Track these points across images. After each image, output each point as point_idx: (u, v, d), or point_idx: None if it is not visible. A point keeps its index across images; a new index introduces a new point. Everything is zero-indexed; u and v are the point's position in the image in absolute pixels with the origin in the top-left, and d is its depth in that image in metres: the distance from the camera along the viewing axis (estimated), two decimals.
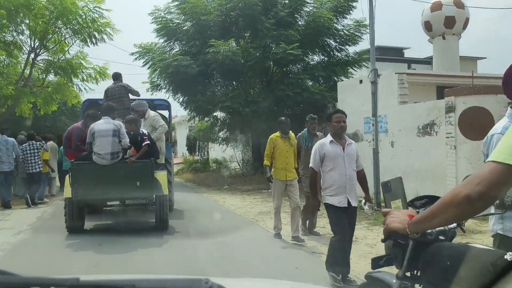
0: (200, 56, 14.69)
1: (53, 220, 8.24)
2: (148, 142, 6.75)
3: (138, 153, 6.63)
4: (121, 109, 7.72)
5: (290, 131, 7.02)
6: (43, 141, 11.34)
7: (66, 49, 15.14)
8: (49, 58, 14.73)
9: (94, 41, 15.08)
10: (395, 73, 10.07)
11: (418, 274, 1.89)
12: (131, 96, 8.34)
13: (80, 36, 14.86)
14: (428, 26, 12.59)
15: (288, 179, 6.68)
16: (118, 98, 7.98)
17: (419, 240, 1.74)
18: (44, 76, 15.29)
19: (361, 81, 11.45)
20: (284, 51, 13.52)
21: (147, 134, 6.96)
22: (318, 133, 7.57)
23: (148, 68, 15.78)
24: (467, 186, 1.30)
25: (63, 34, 14.56)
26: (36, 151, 10.40)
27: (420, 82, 10.88)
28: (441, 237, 1.81)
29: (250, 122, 15.45)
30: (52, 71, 14.47)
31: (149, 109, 7.98)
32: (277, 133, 6.88)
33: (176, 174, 20.41)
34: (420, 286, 1.89)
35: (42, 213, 9.03)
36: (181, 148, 42.13)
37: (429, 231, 1.75)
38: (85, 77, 15.75)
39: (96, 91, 16.43)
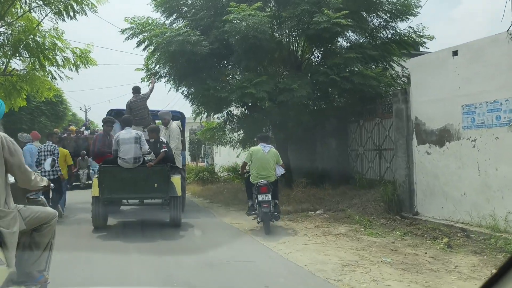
0: (212, 31, 11.06)
1: None
2: (166, 149, 7.66)
3: (156, 158, 7.51)
4: (140, 118, 8.96)
5: None
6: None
7: (36, 25, 11.47)
8: (10, 33, 11.01)
9: (71, 14, 11.46)
10: None
11: None
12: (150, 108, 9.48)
13: (52, 6, 11.21)
14: None
15: None
16: (143, 110, 9.15)
17: None
18: (6, 60, 11.56)
19: (455, 53, 7.83)
20: (328, 19, 9.92)
21: (165, 142, 7.97)
22: None
23: (144, 49, 12.11)
24: None
25: (28, 3, 10.89)
26: (48, 153, 8.84)
27: None
28: None
29: (278, 118, 11.84)
30: (10, 50, 10.71)
31: (172, 121, 9.13)
32: None
33: None
34: None
35: None
36: None
37: None
38: (61, 62, 12.07)
39: (75, 80, 12.68)
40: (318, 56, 12.11)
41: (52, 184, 3.55)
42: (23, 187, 3.14)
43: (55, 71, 11.77)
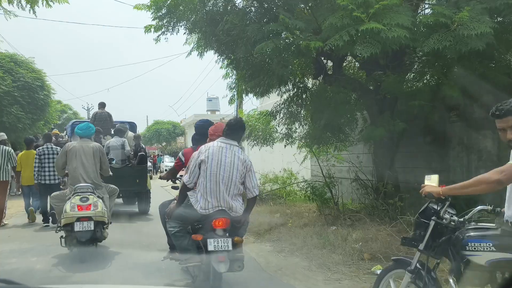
0: None
1: None
2: (143, 153, 10.36)
3: (136, 160, 10.10)
4: (102, 127, 10.10)
5: None
6: None
7: None
8: None
9: None
10: None
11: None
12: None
13: None
14: None
15: None
16: (104, 121, 10.69)
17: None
18: None
19: None
20: None
21: (144, 148, 10.84)
22: None
23: None
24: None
25: None
26: (52, 156, 8.42)
27: None
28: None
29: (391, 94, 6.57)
30: None
31: (128, 131, 10.92)
32: None
33: None
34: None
35: None
36: None
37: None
38: None
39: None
40: None
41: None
42: (103, 175, 6.18)
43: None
